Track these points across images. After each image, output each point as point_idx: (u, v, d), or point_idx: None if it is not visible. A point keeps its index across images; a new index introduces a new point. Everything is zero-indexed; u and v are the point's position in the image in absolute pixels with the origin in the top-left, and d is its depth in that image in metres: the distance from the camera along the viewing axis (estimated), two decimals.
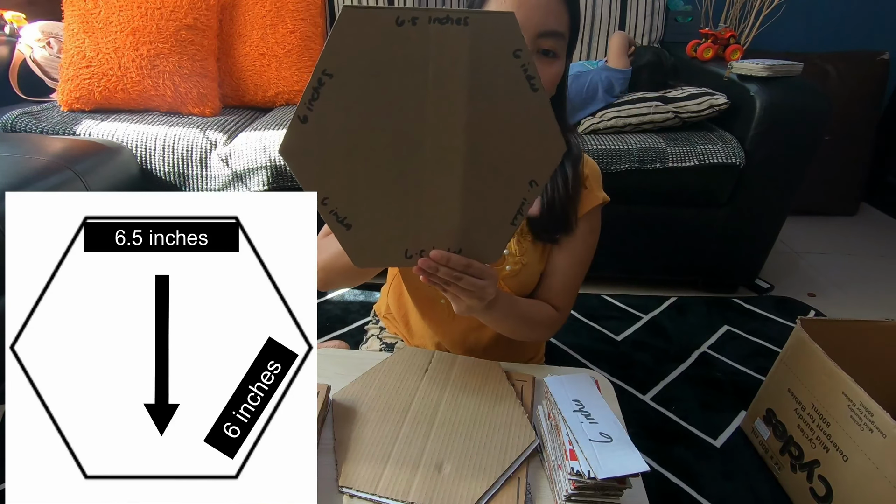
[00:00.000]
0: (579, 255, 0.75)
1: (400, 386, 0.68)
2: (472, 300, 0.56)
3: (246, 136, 1.44)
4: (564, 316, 0.78)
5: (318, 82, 0.44)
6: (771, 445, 1.02)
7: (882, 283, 1.78)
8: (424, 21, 0.43)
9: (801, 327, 0.97)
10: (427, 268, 0.52)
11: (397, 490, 0.54)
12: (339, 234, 0.50)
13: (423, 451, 0.58)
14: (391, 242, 0.51)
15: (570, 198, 0.71)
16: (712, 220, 1.52)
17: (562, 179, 0.71)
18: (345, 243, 0.51)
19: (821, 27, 2.20)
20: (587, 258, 0.77)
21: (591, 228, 0.76)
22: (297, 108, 0.45)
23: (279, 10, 1.67)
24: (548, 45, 0.62)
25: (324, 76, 0.44)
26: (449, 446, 0.59)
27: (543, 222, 0.72)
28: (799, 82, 1.44)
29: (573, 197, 0.72)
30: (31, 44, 1.65)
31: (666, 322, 1.50)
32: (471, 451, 0.58)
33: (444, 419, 0.63)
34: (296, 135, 0.46)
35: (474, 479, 0.55)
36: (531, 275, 0.76)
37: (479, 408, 0.65)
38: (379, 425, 0.62)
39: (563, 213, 0.71)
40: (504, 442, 0.60)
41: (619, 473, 0.50)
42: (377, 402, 0.65)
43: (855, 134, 2.13)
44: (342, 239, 0.50)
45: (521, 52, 0.45)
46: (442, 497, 0.53)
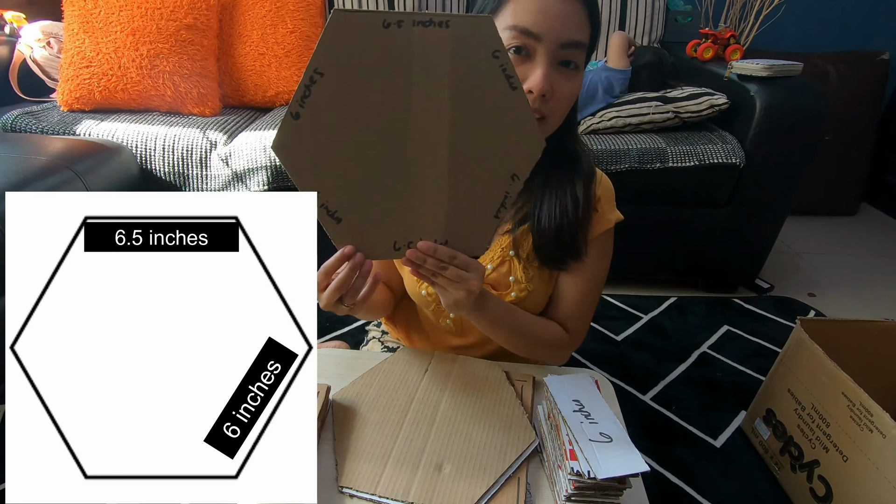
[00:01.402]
0: (589, 279, 0.71)
1: (400, 386, 0.68)
2: (459, 292, 0.55)
3: (246, 136, 1.44)
4: (577, 340, 0.74)
5: (309, 80, 0.46)
6: (771, 445, 1.02)
7: (882, 283, 1.78)
8: (409, 24, 0.46)
9: (801, 327, 0.97)
10: (415, 258, 0.53)
11: (397, 490, 0.54)
12: (329, 228, 0.51)
13: (423, 451, 0.58)
14: (380, 235, 0.53)
15: (579, 223, 0.67)
16: (712, 220, 1.52)
17: (572, 203, 0.67)
18: (335, 236, 0.52)
19: (821, 27, 2.20)
20: (599, 281, 0.73)
21: (602, 252, 0.72)
22: (290, 106, 0.46)
23: (279, 10, 1.67)
24: (570, 56, 0.60)
25: (315, 74, 0.46)
26: (449, 446, 0.59)
27: (550, 249, 0.68)
28: (799, 82, 1.44)
29: (583, 223, 0.68)
30: (31, 44, 1.65)
31: (666, 322, 1.50)
32: (471, 451, 0.58)
33: (444, 419, 0.63)
34: (288, 131, 0.47)
35: (474, 479, 0.55)
36: (537, 301, 0.73)
37: (479, 408, 0.64)
38: (379, 425, 0.62)
39: (571, 240, 0.67)
40: (504, 442, 0.60)
41: (618, 473, 0.50)
42: (377, 402, 0.65)
43: (855, 134, 2.13)
44: (332, 232, 0.52)
45: (499, 53, 0.47)
46: (442, 497, 0.53)
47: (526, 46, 0.59)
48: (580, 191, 0.67)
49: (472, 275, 0.55)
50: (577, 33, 0.59)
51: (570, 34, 0.59)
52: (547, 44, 0.58)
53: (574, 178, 0.67)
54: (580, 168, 0.68)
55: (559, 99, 0.61)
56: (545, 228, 0.67)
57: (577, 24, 0.59)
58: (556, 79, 0.60)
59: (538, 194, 0.68)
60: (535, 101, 0.59)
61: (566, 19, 0.58)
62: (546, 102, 0.60)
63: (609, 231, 0.71)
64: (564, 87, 0.60)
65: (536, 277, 0.71)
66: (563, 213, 0.66)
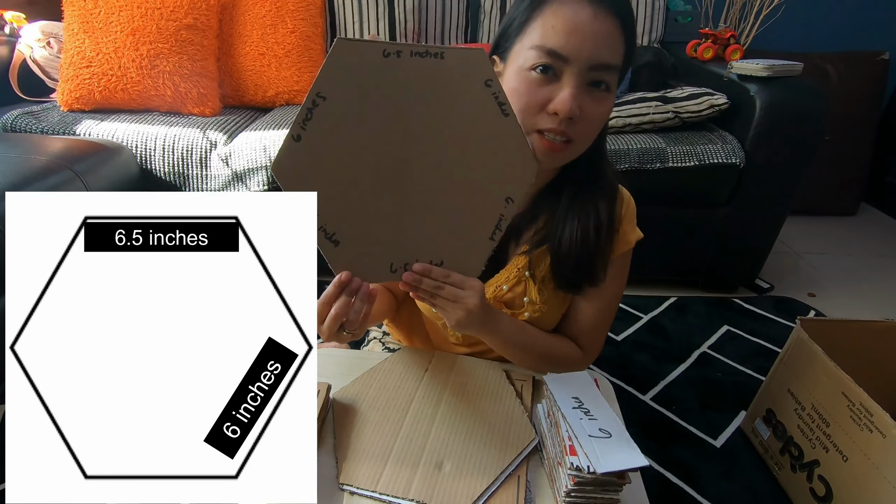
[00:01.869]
0: (605, 298, 0.69)
1: (400, 385, 0.68)
2: (458, 311, 0.55)
3: (246, 136, 1.44)
4: (590, 356, 0.73)
5: (311, 104, 0.48)
6: (771, 445, 1.02)
7: (882, 283, 1.78)
8: (407, 54, 0.48)
9: (801, 327, 0.97)
10: (411, 280, 0.53)
11: (398, 487, 0.54)
12: (326, 251, 0.53)
13: (423, 449, 0.58)
14: (377, 257, 0.54)
15: (600, 249, 0.64)
16: (712, 220, 1.52)
17: (594, 227, 0.63)
18: (332, 260, 0.53)
19: (821, 27, 2.20)
20: (614, 300, 0.72)
21: (619, 271, 0.70)
22: (291, 128, 0.49)
23: (279, 10, 1.67)
24: (600, 78, 0.56)
25: (318, 98, 0.48)
26: (449, 445, 0.59)
27: (568, 274, 0.65)
28: (799, 82, 1.44)
29: (604, 248, 0.65)
30: (31, 44, 1.65)
31: (666, 322, 1.50)
32: (471, 449, 0.58)
33: (445, 418, 0.63)
34: (289, 153, 0.49)
35: (474, 477, 0.55)
36: (550, 321, 0.72)
37: (479, 407, 0.65)
38: (379, 424, 0.62)
39: (590, 266, 0.64)
40: (504, 440, 0.60)
41: (618, 468, 0.51)
42: (377, 400, 0.65)
43: (855, 134, 2.13)
44: (329, 256, 0.53)
45: (491, 82, 0.50)
46: (442, 495, 0.53)
47: (553, 66, 0.56)
48: (604, 214, 0.64)
49: (468, 293, 0.54)
50: (610, 55, 0.56)
51: (602, 56, 0.55)
52: (576, 65, 0.55)
53: (598, 201, 0.65)
54: (605, 191, 0.66)
55: (588, 121, 0.58)
56: (565, 252, 0.64)
57: (609, 46, 0.55)
58: (585, 100, 0.56)
59: (561, 216, 0.65)
60: (560, 122, 0.56)
61: (598, 40, 0.55)
62: (573, 125, 0.57)
63: (628, 251, 0.70)
64: (594, 109, 0.57)
65: (551, 298, 0.69)
66: (585, 237, 0.63)
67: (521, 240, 0.70)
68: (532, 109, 0.57)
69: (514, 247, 0.70)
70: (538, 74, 0.56)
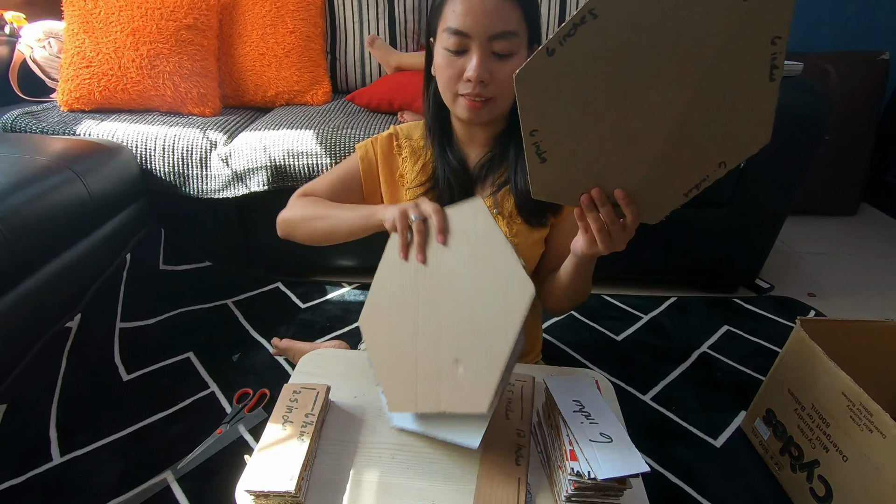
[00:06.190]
0: (570, 220, 0.77)
1: (403, 297, 0.62)
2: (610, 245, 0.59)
3: (246, 136, 1.44)
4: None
5: (580, 19, 0.44)
6: (771, 445, 1.02)
7: (882, 283, 1.78)
8: None
9: (801, 327, 0.97)
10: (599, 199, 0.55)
11: (429, 403, 0.57)
12: (531, 164, 0.54)
13: (439, 345, 0.58)
14: (573, 184, 0.55)
15: None
16: (712, 220, 1.52)
17: None
18: (533, 174, 0.54)
19: (821, 27, 2.20)
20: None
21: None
22: (548, 41, 0.46)
23: (279, 10, 1.67)
24: (499, 48, 0.67)
25: (589, 15, 0.44)
26: (458, 338, 0.57)
27: (529, 206, 0.75)
28: (799, 82, 1.44)
29: None
30: (31, 44, 1.65)
31: (666, 322, 1.50)
32: (479, 330, 0.56)
33: (449, 303, 0.59)
34: (537, 64, 0.47)
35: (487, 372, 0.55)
36: (524, 255, 0.76)
37: (474, 275, 0.59)
38: (399, 343, 0.61)
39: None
40: (503, 307, 0.56)
41: (619, 474, 0.51)
42: (392, 305, 0.63)
43: (855, 134, 2.13)
44: (533, 170, 0.54)
45: (778, 40, 0.44)
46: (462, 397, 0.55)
47: (462, 42, 0.67)
48: None
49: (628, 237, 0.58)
50: (504, 24, 0.66)
51: (496, 27, 0.65)
52: (477, 39, 0.66)
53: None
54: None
55: (499, 82, 0.68)
56: (524, 190, 0.74)
57: (503, 17, 0.65)
58: (494, 64, 0.67)
59: (512, 162, 0.76)
60: (475, 86, 0.68)
61: (492, 15, 0.65)
62: (486, 87, 0.68)
63: None
64: (502, 70, 0.68)
65: (521, 232, 0.78)
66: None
67: (486, 185, 0.80)
68: (453, 80, 0.70)
69: (481, 191, 0.80)
70: (452, 50, 0.68)
